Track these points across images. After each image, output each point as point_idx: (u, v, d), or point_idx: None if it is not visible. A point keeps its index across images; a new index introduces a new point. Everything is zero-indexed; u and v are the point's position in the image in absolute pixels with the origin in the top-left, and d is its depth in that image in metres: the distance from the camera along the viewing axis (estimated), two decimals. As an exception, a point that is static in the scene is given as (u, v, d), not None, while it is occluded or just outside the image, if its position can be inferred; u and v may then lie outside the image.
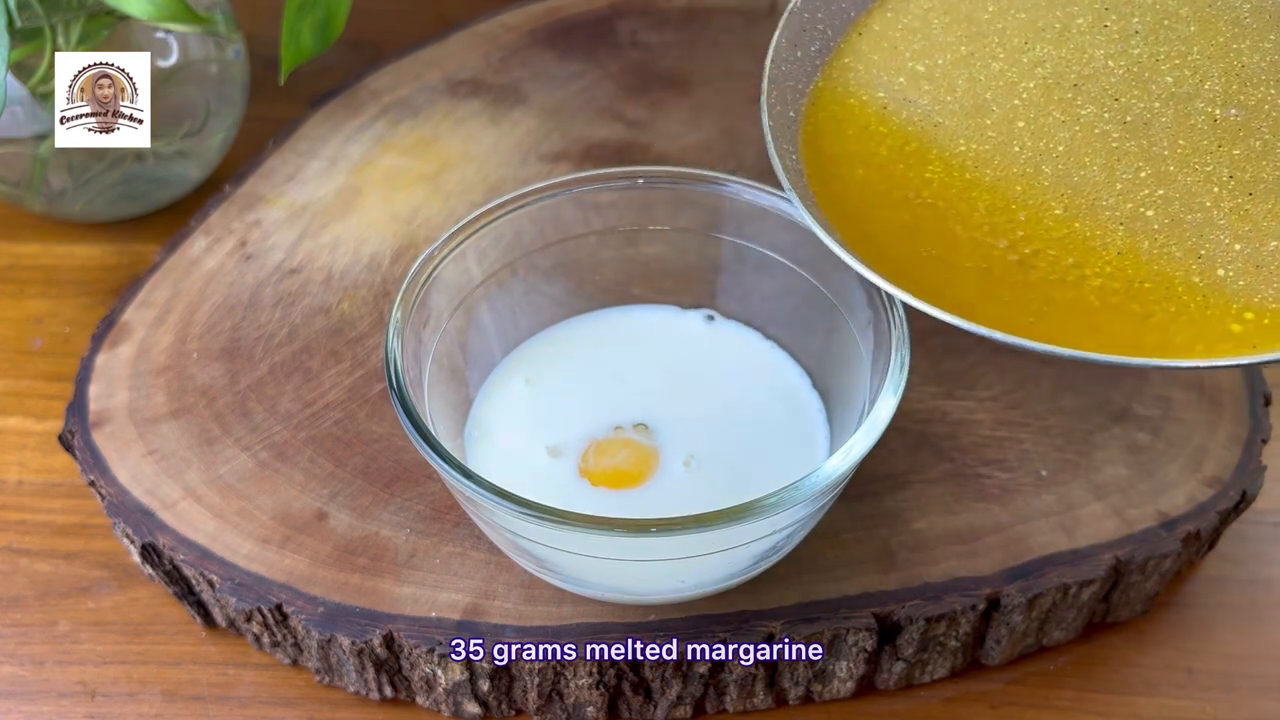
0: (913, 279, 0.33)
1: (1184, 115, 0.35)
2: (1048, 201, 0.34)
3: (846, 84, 0.38)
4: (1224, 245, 0.32)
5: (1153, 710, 0.41)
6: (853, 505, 0.42)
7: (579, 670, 0.38)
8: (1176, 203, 0.33)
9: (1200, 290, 0.32)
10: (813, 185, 0.36)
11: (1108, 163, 0.34)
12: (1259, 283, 0.32)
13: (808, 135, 0.37)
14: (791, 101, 0.38)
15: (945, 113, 0.37)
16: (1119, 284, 0.32)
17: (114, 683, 0.42)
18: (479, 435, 0.42)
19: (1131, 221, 0.33)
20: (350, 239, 0.52)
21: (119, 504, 0.42)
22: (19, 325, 0.53)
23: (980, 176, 0.35)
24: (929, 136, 0.36)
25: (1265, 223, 0.33)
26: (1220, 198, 0.33)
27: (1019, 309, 0.32)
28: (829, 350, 0.42)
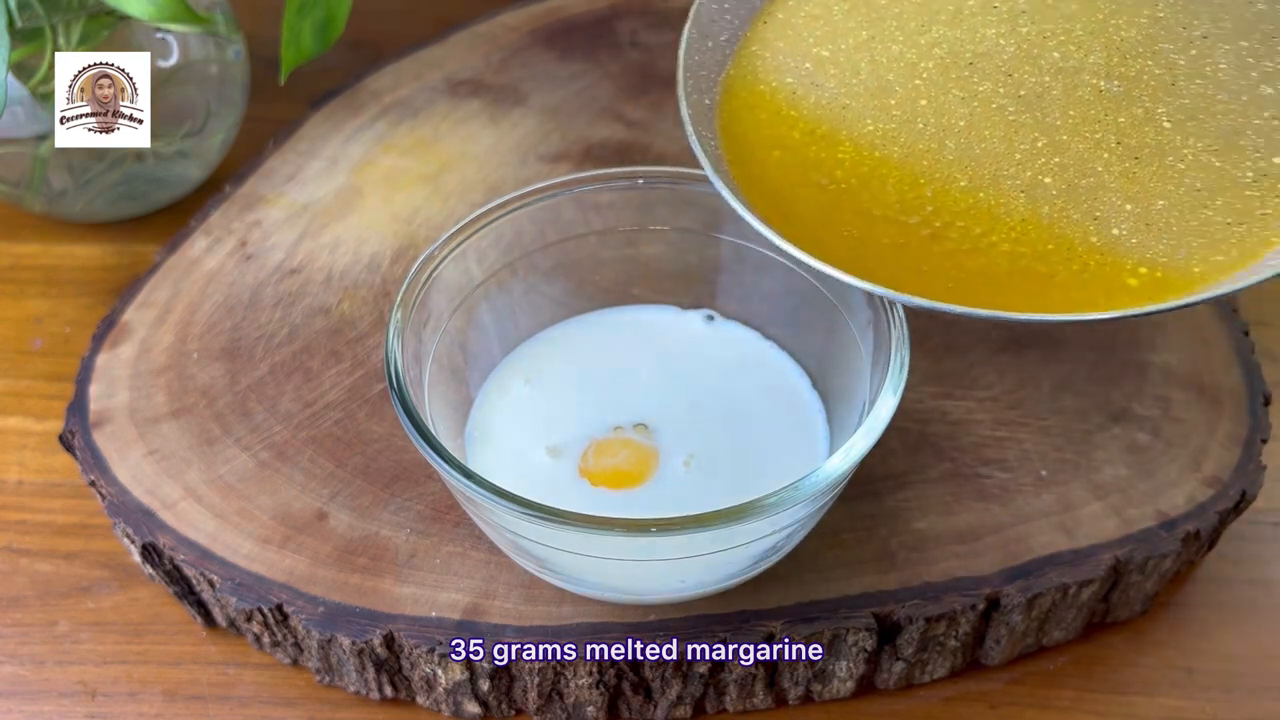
0: (836, 256, 0.34)
1: (1072, 88, 0.37)
2: (953, 174, 0.36)
3: (755, 71, 0.40)
4: (1116, 206, 0.34)
5: (1152, 710, 0.41)
6: (853, 505, 0.42)
7: (579, 670, 0.38)
8: (1071, 169, 0.35)
9: (1098, 249, 0.34)
10: (733, 170, 0.37)
11: (1006, 135, 0.36)
12: (1150, 240, 0.34)
13: (724, 122, 0.38)
14: (706, 89, 0.39)
15: (851, 95, 0.38)
16: (1025, 248, 0.34)
17: (114, 682, 0.42)
18: (479, 435, 0.42)
19: (1032, 189, 0.35)
20: (350, 239, 0.52)
21: (119, 504, 0.42)
22: (19, 325, 0.53)
23: (889, 154, 0.36)
24: (838, 118, 0.38)
25: (1151, 184, 0.34)
26: (1110, 163, 0.35)
27: (936, 278, 0.34)
28: (829, 350, 0.42)
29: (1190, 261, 0.33)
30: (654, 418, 0.42)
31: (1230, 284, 0.32)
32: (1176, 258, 0.33)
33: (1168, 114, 0.36)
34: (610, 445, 0.41)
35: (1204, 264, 0.33)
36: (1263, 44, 0.37)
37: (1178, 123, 0.35)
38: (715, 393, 0.43)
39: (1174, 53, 0.37)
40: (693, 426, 0.42)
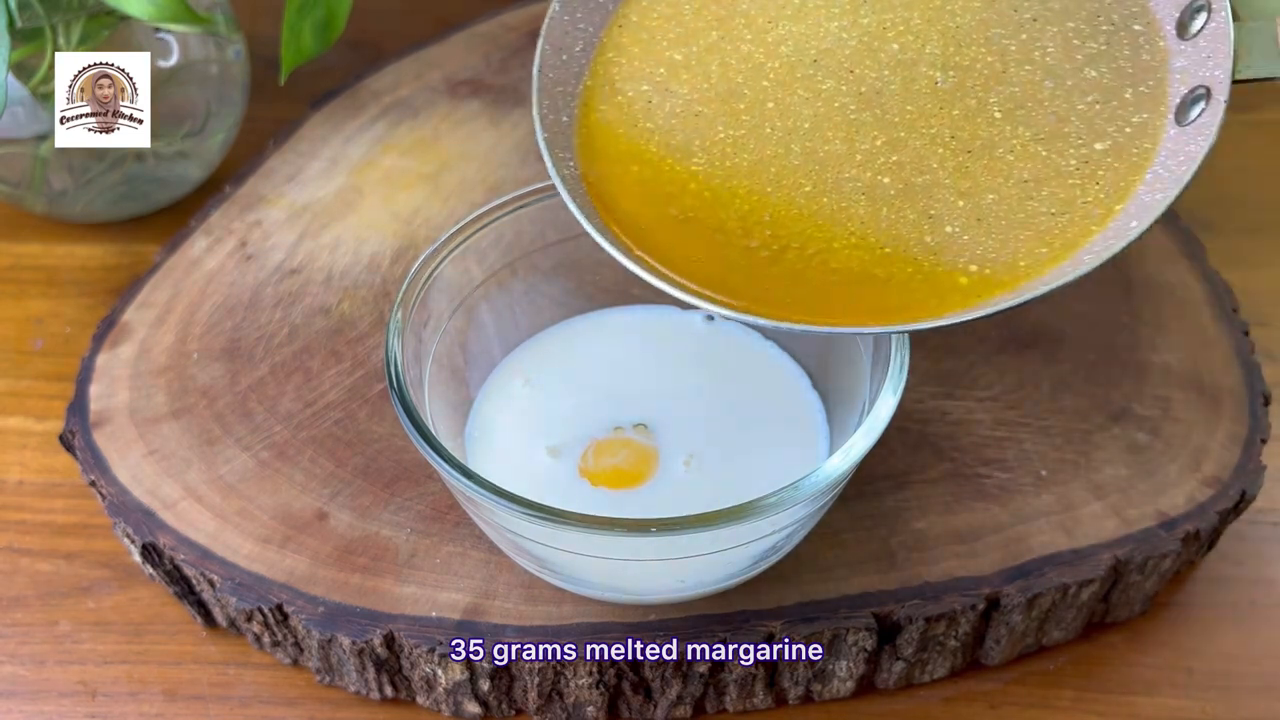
0: (688, 272, 0.35)
1: (909, 81, 0.37)
2: (798, 180, 0.36)
3: (612, 80, 0.39)
4: (950, 203, 0.35)
5: (1152, 710, 0.41)
6: (853, 505, 0.42)
7: (579, 670, 0.38)
8: (908, 167, 0.35)
9: (931, 249, 0.34)
10: (591, 191, 0.37)
11: (848, 135, 0.36)
12: (981, 235, 0.34)
13: (583, 139, 0.38)
14: (564, 106, 0.39)
15: (704, 101, 0.38)
16: (864, 252, 0.35)
17: (115, 682, 0.42)
18: (479, 435, 0.42)
19: (871, 190, 0.35)
20: (350, 239, 0.52)
21: (119, 504, 0.42)
22: (20, 325, 0.53)
23: (739, 163, 0.37)
24: (692, 127, 0.37)
25: (983, 178, 0.35)
26: (944, 158, 0.35)
27: (776, 292, 0.35)
28: (829, 350, 0.42)
29: (1017, 256, 0.34)
30: (654, 418, 0.42)
31: (1045, 283, 0.32)
32: (1004, 254, 0.34)
33: (999, 104, 0.36)
34: (610, 445, 0.41)
35: (1029, 258, 0.34)
36: (1088, 24, 0.36)
37: (1008, 112, 0.35)
38: (715, 393, 0.43)
39: (1005, 38, 0.37)
40: (693, 426, 0.42)
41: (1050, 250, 0.34)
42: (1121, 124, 0.35)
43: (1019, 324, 0.48)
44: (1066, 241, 0.34)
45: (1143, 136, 0.34)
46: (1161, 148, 0.34)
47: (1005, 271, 0.34)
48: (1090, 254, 0.33)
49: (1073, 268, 0.33)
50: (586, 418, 0.42)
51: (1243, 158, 0.63)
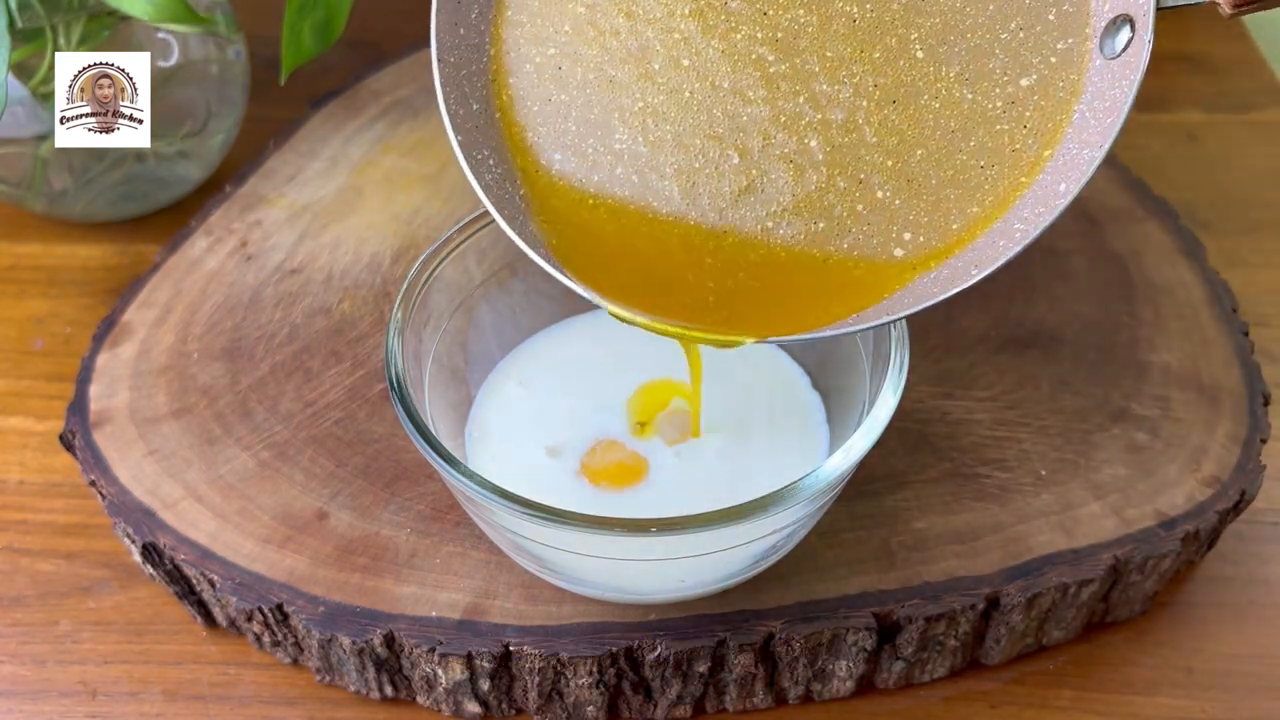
0: (611, 277, 0.34)
1: (827, 20, 0.34)
2: (726, 152, 0.34)
3: (518, 47, 0.36)
4: (879, 164, 0.33)
5: (1152, 710, 0.41)
6: (853, 505, 0.42)
7: (579, 670, 0.38)
8: (834, 126, 0.34)
9: (865, 218, 0.33)
10: (525, 185, 0.35)
11: (769, 94, 0.34)
12: (912, 199, 0.33)
13: (505, 129, 0.36)
14: (473, 91, 0.36)
15: (615, 63, 0.36)
16: (799, 230, 0.34)
17: (115, 682, 0.42)
18: (479, 435, 0.42)
19: (799, 157, 0.34)
20: (351, 239, 0.52)
21: (120, 504, 0.42)
22: (20, 325, 0.53)
23: (663, 136, 0.35)
24: (608, 98, 0.35)
25: (909, 131, 0.33)
26: (869, 111, 0.34)
27: (716, 283, 0.33)
28: (829, 350, 0.42)
29: (949, 219, 0.33)
30: (654, 417, 0.42)
31: (978, 265, 0.31)
32: (936, 216, 0.33)
33: (920, 40, 0.34)
34: (612, 443, 0.41)
35: (961, 218, 0.33)
36: None
37: (930, 49, 0.34)
38: (715, 392, 0.43)
39: None
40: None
41: (982, 209, 0.32)
42: (1046, 53, 0.33)
43: (1019, 324, 0.48)
44: (997, 197, 0.32)
45: (1068, 67, 0.33)
46: (1088, 82, 0.32)
47: (938, 236, 0.33)
48: (1021, 221, 0.32)
49: (1004, 239, 0.31)
50: (586, 418, 0.42)
51: (1243, 158, 0.63)
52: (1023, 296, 0.49)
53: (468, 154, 0.35)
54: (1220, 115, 0.66)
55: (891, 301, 0.33)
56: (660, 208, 0.34)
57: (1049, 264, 0.51)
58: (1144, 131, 0.64)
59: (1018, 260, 0.49)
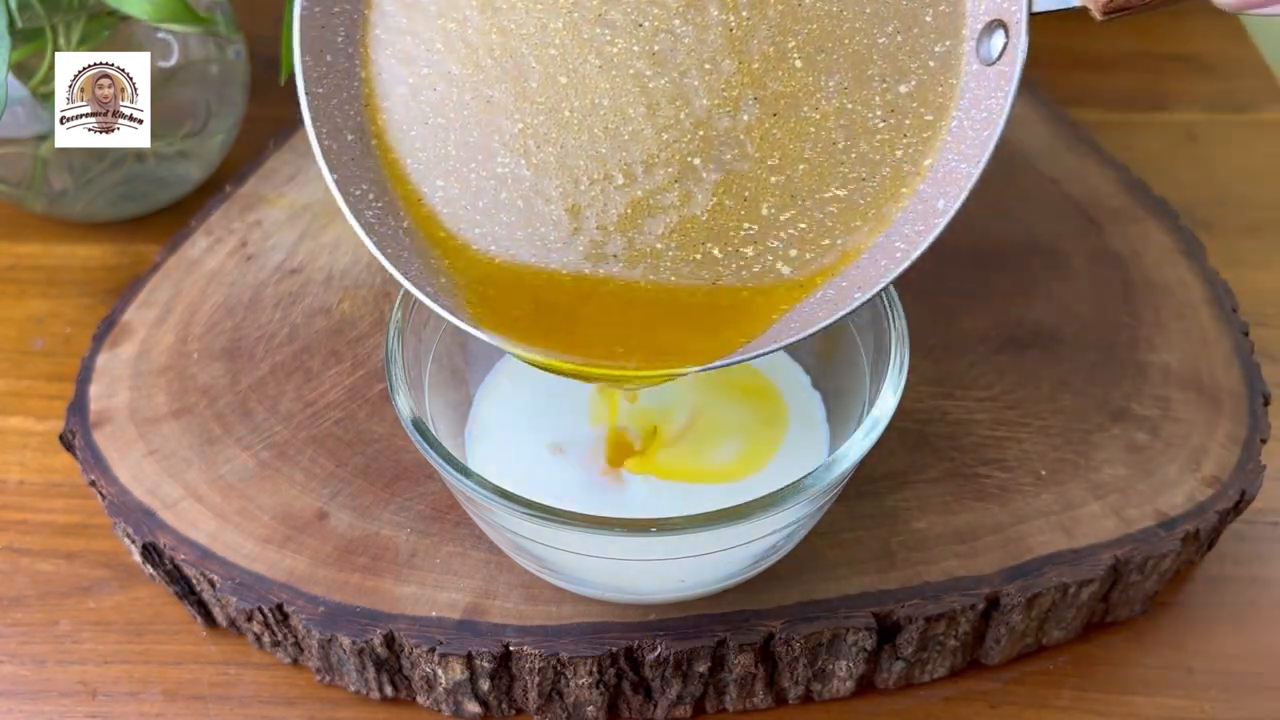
0: (502, 311, 0.33)
1: (702, 30, 0.33)
2: (610, 173, 0.33)
3: (390, 68, 0.34)
4: (762, 180, 0.33)
5: (1152, 710, 0.41)
6: (853, 505, 0.42)
7: (579, 669, 0.38)
8: (716, 142, 0.33)
9: (752, 239, 0.33)
10: (409, 216, 0.34)
11: (649, 110, 0.33)
12: (795, 215, 0.32)
13: (383, 157, 0.34)
14: (346, 121, 0.34)
15: (490, 82, 0.34)
16: (686, 251, 0.33)
17: (115, 682, 0.42)
18: (479, 435, 0.42)
19: (684, 176, 0.33)
20: (351, 239, 0.52)
21: (120, 504, 0.42)
22: (20, 325, 0.53)
23: (546, 159, 0.34)
24: (487, 119, 0.34)
25: (791, 145, 0.33)
26: (750, 126, 0.33)
27: (609, 306, 0.33)
28: (829, 350, 0.42)
29: (834, 234, 0.32)
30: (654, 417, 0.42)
31: (861, 287, 0.31)
32: (821, 233, 0.32)
33: (798, 48, 0.33)
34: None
35: (846, 232, 0.32)
36: None
37: (808, 57, 0.33)
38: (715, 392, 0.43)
39: None
40: (693, 425, 0.42)
41: (865, 222, 0.32)
42: (924, 57, 0.32)
43: (1019, 324, 0.48)
44: (880, 210, 0.32)
45: (945, 71, 0.32)
46: (965, 88, 0.32)
47: (825, 253, 0.32)
48: (902, 239, 0.31)
49: (886, 258, 0.31)
50: (586, 417, 0.42)
51: (1243, 158, 0.63)
52: (1023, 296, 0.49)
53: (344, 191, 0.33)
54: (1220, 115, 0.66)
55: (780, 327, 0.32)
56: (547, 233, 0.33)
57: (1049, 264, 0.51)
58: (1144, 131, 0.65)
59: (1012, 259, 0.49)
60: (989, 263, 0.51)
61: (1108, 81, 0.68)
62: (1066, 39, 0.72)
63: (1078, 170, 0.56)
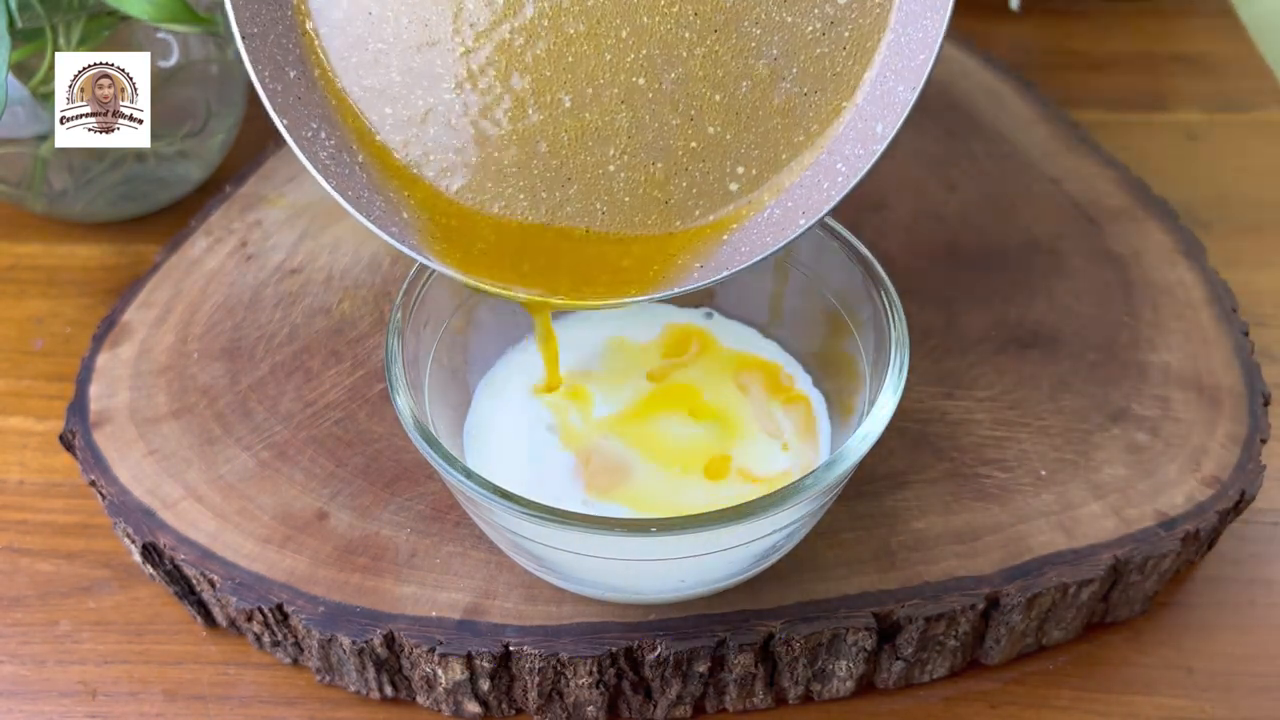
0: (461, 242, 0.33)
1: None
2: (557, 96, 0.33)
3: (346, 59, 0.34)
4: (706, 99, 0.33)
5: (1152, 710, 0.41)
6: (853, 505, 0.42)
7: (579, 669, 0.38)
8: (658, 60, 0.33)
9: (699, 155, 0.33)
10: (362, 150, 0.34)
11: (591, 30, 0.33)
12: (740, 131, 0.33)
13: (327, 90, 0.34)
14: (286, 58, 0.33)
15: (426, 5, 0.34)
16: (638, 173, 0.33)
17: (115, 682, 0.42)
18: (478, 435, 0.42)
19: (630, 96, 0.33)
20: (351, 239, 0.52)
21: (120, 504, 0.42)
22: (20, 325, 0.53)
23: (491, 84, 0.33)
24: (427, 44, 0.33)
25: (733, 62, 0.33)
26: (693, 44, 0.33)
27: (556, 255, 0.33)
28: (829, 350, 0.42)
29: (778, 149, 0.33)
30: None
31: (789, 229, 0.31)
32: (765, 148, 0.33)
33: None
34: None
35: (789, 148, 0.33)
36: None
37: None
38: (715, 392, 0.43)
39: None
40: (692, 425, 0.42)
41: (807, 136, 0.33)
42: None
43: (1019, 324, 0.48)
44: (821, 124, 0.32)
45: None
46: (901, 2, 0.32)
47: (769, 168, 0.33)
48: (843, 160, 0.32)
49: (828, 180, 0.31)
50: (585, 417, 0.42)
51: (1243, 158, 0.63)
52: (1023, 296, 0.49)
53: (296, 135, 0.33)
54: (1220, 115, 0.66)
55: (730, 252, 0.32)
56: (501, 158, 0.33)
57: (1049, 264, 0.51)
58: (1144, 131, 0.65)
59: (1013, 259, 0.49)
60: (989, 263, 0.51)
61: (1108, 81, 0.68)
62: (1067, 39, 0.72)
63: (1078, 170, 0.56)
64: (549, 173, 0.34)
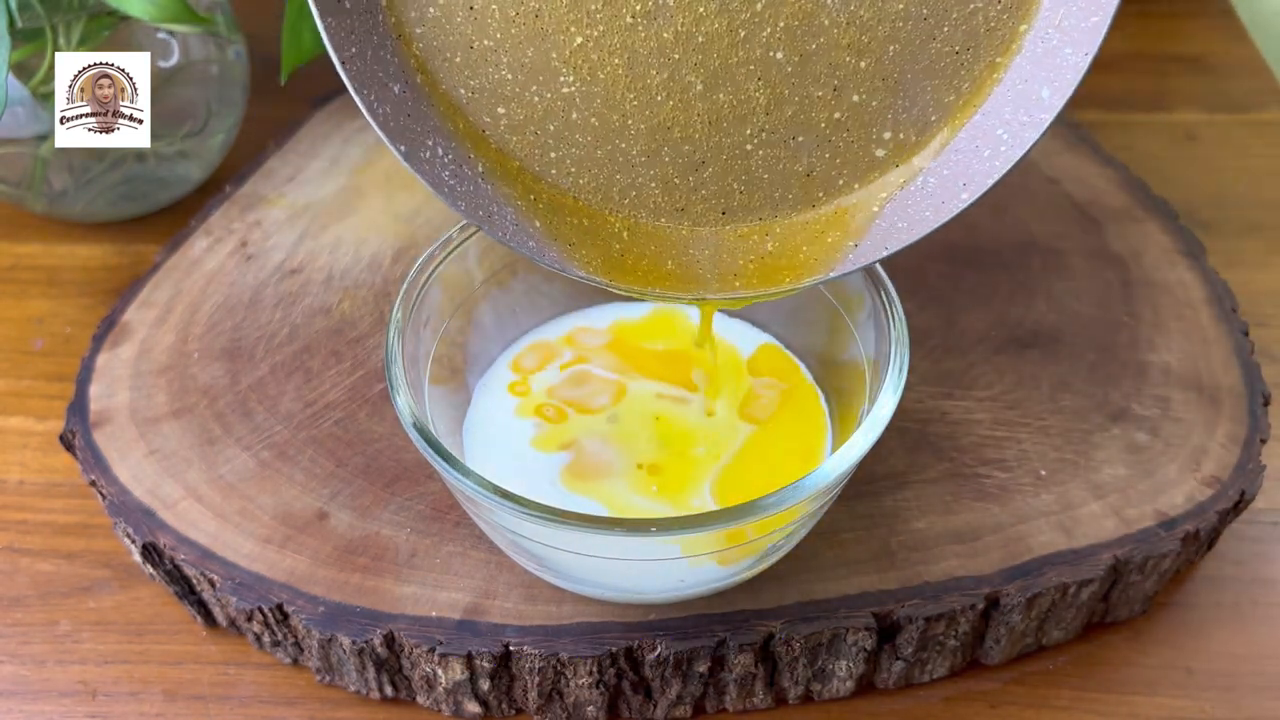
0: (598, 247, 0.32)
1: None
2: (686, 79, 0.31)
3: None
4: (850, 67, 0.31)
5: (1152, 710, 0.41)
6: (853, 505, 0.42)
7: (579, 669, 0.38)
8: (799, 32, 0.31)
9: (843, 125, 0.31)
10: (481, 158, 0.32)
11: (723, 6, 0.31)
12: (888, 97, 0.31)
13: (435, 99, 0.32)
14: (391, 74, 0.31)
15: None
16: (777, 149, 0.32)
17: (115, 682, 0.42)
18: (478, 434, 0.42)
19: (766, 71, 0.31)
20: (351, 239, 0.52)
21: (120, 504, 0.42)
22: (20, 325, 0.53)
23: (614, 73, 0.31)
24: (539, 35, 0.31)
25: (880, 27, 0.31)
26: (835, 10, 0.31)
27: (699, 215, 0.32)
28: (829, 350, 0.42)
29: (927, 110, 0.31)
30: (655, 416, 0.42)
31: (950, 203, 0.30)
32: (914, 111, 0.31)
33: None
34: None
35: (939, 109, 0.31)
36: None
37: None
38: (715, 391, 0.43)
39: None
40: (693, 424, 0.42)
41: (959, 96, 0.31)
42: None
43: (1019, 324, 0.48)
44: (974, 82, 0.31)
45: None
46: None
47: (918, 130, 0.31)
48: (1003, 126, 0.30)
49: (988, 145, 0.30)
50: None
51: (1243, 158, 0.63)
52: (1023, 296, 0.49)
53: (415, 159, 0.31)
54: (1220, 115, 0.66)
55: (886, 224, 0.31)
56: (629, 149, 0.32)
57: (1049, 264, 0.51)
58: (1144, 131, 0.65)
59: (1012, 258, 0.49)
60: (989, 263, 0.51)
61: (1108, 81, 0.68)
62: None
63: (1077, 170, 0.56)
64: (680, 159, 0.32)
